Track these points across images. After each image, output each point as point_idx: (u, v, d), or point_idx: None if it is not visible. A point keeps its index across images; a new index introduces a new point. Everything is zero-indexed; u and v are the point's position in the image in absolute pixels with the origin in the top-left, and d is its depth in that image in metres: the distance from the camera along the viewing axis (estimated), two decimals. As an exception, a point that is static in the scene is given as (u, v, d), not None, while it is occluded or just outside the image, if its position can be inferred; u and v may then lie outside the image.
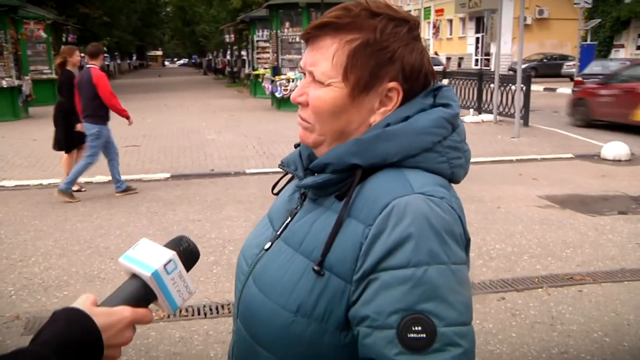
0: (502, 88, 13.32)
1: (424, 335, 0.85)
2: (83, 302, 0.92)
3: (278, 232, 1.08)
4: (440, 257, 0.88)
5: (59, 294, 4.28)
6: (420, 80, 1.01)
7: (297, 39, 16.78)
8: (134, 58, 77.10)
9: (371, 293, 0.89)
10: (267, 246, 1.08)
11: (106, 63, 49.56)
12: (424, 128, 0.96)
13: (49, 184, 8.04)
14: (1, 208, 6.79)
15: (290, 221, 1.07)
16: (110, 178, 7.67)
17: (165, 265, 0.94)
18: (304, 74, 1.03)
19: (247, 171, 8.63)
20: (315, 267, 0.94)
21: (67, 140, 7.67)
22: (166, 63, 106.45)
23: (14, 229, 5.97)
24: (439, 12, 44.05)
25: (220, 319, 3.86)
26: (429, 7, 45.24)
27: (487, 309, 3.93)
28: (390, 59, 0.97)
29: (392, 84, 0.98)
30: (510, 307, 3.94)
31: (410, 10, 47.66)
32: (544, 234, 5.53)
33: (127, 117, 7.74)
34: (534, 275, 4.50)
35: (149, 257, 0.96)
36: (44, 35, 19.26)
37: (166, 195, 7.41)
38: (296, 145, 1.15)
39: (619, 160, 9.05)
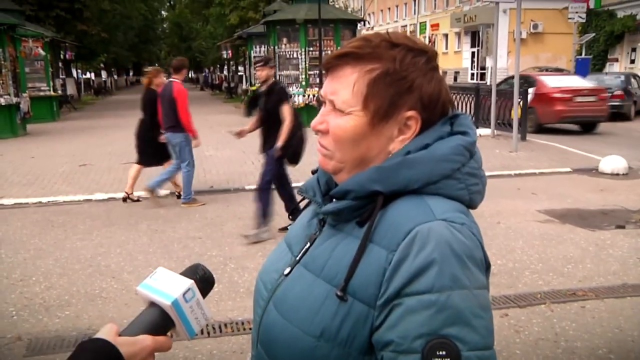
0: (500, 102, 13.39)
1: None
2: (107, 333, 0.94)
3: (297, 258, 1.09)
4: (462, 282, 0.90)
5: (60, 314, 4.26)
6: (438, 109, 1.04)
7: (295, 55, 16.86)
8: (131, 74, 77.31)
9: (396, 318, 0.91)
10: (286, 271, 1.09)
11: (103, 79, 49.82)
12: (443, 155, 0.99)
13: (48, 201, 8.03)
14: (0, 226, 6.77)
15: (309, 247, 1.08)
16: (108, 196, 7.68)
17: (184, 294, 0.97)
18: (324, 102, 1.06)
19: (247, 187, 8.63)
20: (339, 293, 0.95)
21: (162, 152, 7.98)
22: (163, 79, 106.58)
23: (14, 247, 5.95)
24: (435, 26, 44.37)
25: (224, 338, 3.85)
26: (425, 21, 45.62)
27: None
28: (409, 88, 1.00)
29: (410, 113, 1.01)
30: (514, 324, 3.94)
31: (405, 25, 48.13)
32: (545, 249, 5.54)
33: (195, 137, 7.93)
34: (536, 291, 4.51)
35: (168, 285, 0.98)
36: (42, 52, 19.34)
37: (166, 212, 7.41)
38: (313, 172, 1.17)
39: (617, 174, 9.08)
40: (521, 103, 12.15)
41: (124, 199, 8.00)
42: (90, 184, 9.11)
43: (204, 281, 1.03)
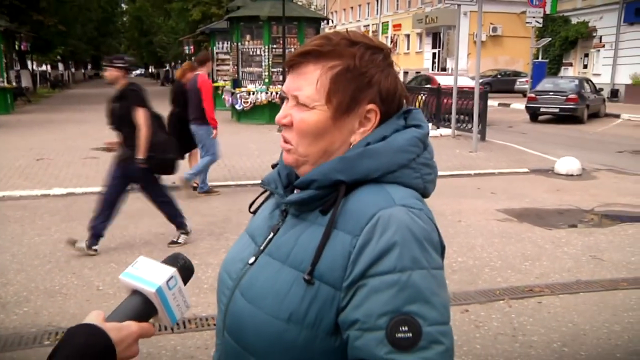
0: (460, 103, 13.63)
1: (411, 335, 0.93)
2: (95, 318, 0.96)
3: (261, 247, 1.13)
4: (421, 263, 0.97)
5: (18, 311, 4.17)
6: (395, 103, 1.10)
7: (258, 52, 16.80)
8: (89, 67, 75.61)
9: (361, 298, 0.96)
10: (251, 260, 1.13)
11: (60, 72, 48.55)
12: (400, 146, 1.06)
13: (4, 196, 7.82)
14: (-47, 222, 6.57)
15: (273, 237, 1.12)
16: (67, 191, 7.50)
17: (167, 282, 1.00)
18: (286, 98, 1.10)
19: (210, 184, 8.56)
20: (306, 277, 1.00)
21: (189, 143, 8.09)
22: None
23: (-32, 243, 5.78)
24: (397, 27, 44.83)
25: (188, 334, 3.84)
26: (387, 22, 46.04)
27: (451, 322, 4.00)
28: (368, 83, 1.06)
29: (370, 106, 1.07)
30: (474, 319, 4.05)
31: (368, 25, 48.44)
32: (504, 247, 5.69)
33: (215, 128, 7.92)
34: (496, 287, 4.63)
35: (151, 274, 1.01)
36: (-4, 43, 18.75)
37: (127, 208, 7.20)
38: (273, 166, 1.22)
39: (572, 175, 9.38)
40: (481, 104, 12.39)
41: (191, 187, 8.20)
42: (49, 178, 8.91)
43: (184, 270, 1.07)
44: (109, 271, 4.99)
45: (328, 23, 25.13)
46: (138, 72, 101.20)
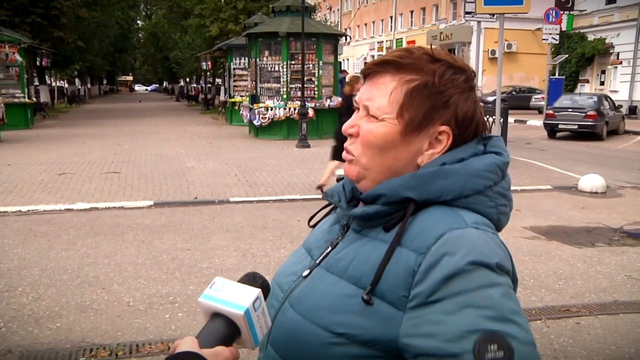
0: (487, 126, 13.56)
1: (502, 353, 0.84)
2: (192, 346, 0.93)
3: (317, 261, 1.09)
4: (497, 281, 0.90)
5: (51, 326, 4.15)
6: (471, 129, 1.04)
7: (277, 68, 16.88)
8: (105, 83, 76.45)
9: (433, 322, 0.89)
10: (305, 273, 1.09)
11: (77, 87, 49.13)
12: (478, 171, 0.99)
13: (29, 210, 7.86)
14: (-19, 235, 6.60)
15: (330, 251, 1.08)
16: (90, 206, 7.52)
17: (253, 303, 0.96)
18: (357, 108, 1.07)
19: (231, 199, 8.57)
20: (365, 296, 0.95)
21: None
22: (136, 88, 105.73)
23: (-3, 257, 5.80)
24: (411, 43, 44.92)
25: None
26: (401, 38, 46.18)
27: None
28: (445, 103, 1.01)
29: (443, 128, 1.02)
30: (512, 339, 3.97)
31: (382, 41, 48.63)
32: (535, 265, 5.61)
33: None
34: (531, 307, 4.55)
35: (234, 295, 0.97)
36: (19, 58, 19.00)
37: (151, 223, 7.30)
38: (339, 179, 1.21)
39: (596, 192, 9.27)
40: (502, 120, 12.34)
41: (318, 187, 8.65)
42: (71, 193, 8.95)
43: (264, 289, 1.03)
44: (138, 287, 4.97)
45: (346, 39, 25.26)
46: (152, 87, 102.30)
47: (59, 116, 27.80)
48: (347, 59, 52.44)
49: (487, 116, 13.52)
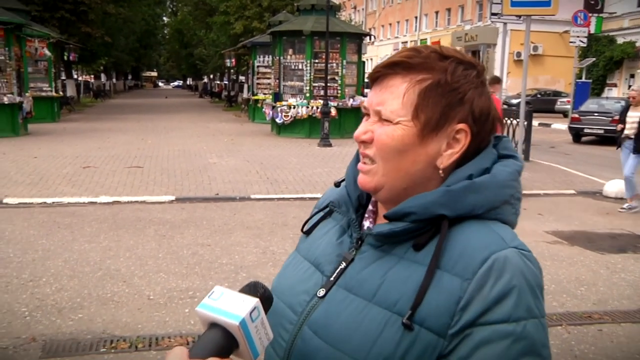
0: (503, 122, 13.46)
1: None
2: (180, 357, 0.91)
3: (332, 278, 1.03)
4: (535, 312, 0.90)
5: (73, 317, 4.21)
6: (488, 125, 1.01)
7: (300, 66, 16.91)
8: (129, 78, 77.30)
9: (469, 348, 0.89)
10: (321, 293, 1.03)
11: (102, 82, 49.76)
12: (505, 181, 0.98)
13: (53, 202, 7.98)
14: (6, 226, 6.71)
15: (345, 267, 1.03)
16: (113, 199, 7.61)
17: (250, 313, 0.94)
18: (367, 114, 1.03)
19: (252, 196, 8.61)
20: (405, 321, 0.91)
21: None
22: (160, 84, 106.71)
23: (22, 247, 5.90)
24: (435, 44, 44.45)
25: None
26: (425, 39, 45.92)
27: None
28: (460, 100, 0.98)
29: (461, 126, 0.98)
30: (532, 344, 3.92)
31: (406, 41, 48.40)
32: (556, 270, 5.54)
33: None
34: (552, 312, 4.49)
35: (231, 305, 0.94)
36: (47, 53, 19.31)
37: (172, 218, 7.37)
38: (337, 184, 1.15)
39: (622, 198, 9.10)
40: (526, 124, 12.21)
41: None
42: (95, 186, 9.07)
43: (265, 299, 1.00)
44: (158, 281, 5.02)
45: (370, 39, 25.19)
46: (176, 83, 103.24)
47: (85, 110, 28.18)
48: (371, 59, 52.30)
49: (512, 119, 13.40)
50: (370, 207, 1.08)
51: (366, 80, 1.07)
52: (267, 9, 28.28)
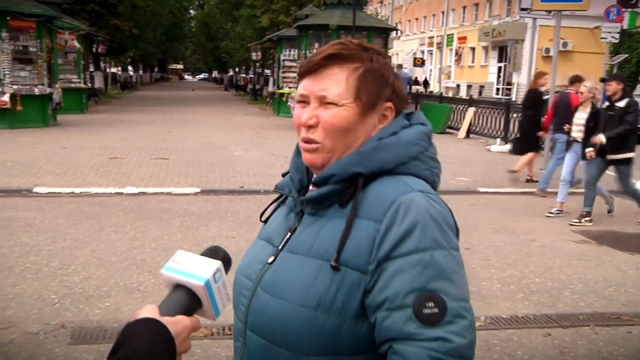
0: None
1: (437, 310, 1.00)
2: (152, 313, 0.97)
3: (280, 247, 1.17)
4: (441, 243, 1.05)
5: (100, 305, 4.28)
6: (404, 101, 1.22)
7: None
8: (156, 70, 78.02)
9: (386, 279, 1.03)
10: (270, 260, 1.17)
11: (129, 74, 50.31)
12: (410, 140, 1.15)
13: (81, 192, 8.10)
14: (37, 215, 6.84)
15: (290, 236, 1.17)
16: (139, 190, 7.70)
17: (214, 275, 1.01)
18: (304, 102, 1.17)
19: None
20: (333, 263, 1.05)
21: (534, 144, 9.90)
22: (186, 77, 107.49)
23: (51, 236, 6.00)
24: (462, 39, 44.22)
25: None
26: (452, 34, 45.48)
27: (533, 345, 3.87)
28: (387, 83, 1.18)
29: (388, 104, 1.19)
30: (558, 344, 3.88)
31: (432, 36, 48.00)
32: (584, 270, 5.46)
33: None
34: (579, 312, 4.43)
35: (195, 267, 1.02)
36: (77, 45, 19.59)
37: (197, 209, 7.43)
38: (284, 174, 1.31)
39: (652, 198, 8.92)
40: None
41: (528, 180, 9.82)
42: (122, 177, 9.19)
43: (225, 262, 1.08)
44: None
45: (397, 33, 25.04)
46: (202, 76, 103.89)
47: (112, 102, 28.54)
48: (397, 54, 52.00)
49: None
50: (310, 187, 1.21)
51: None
52: (293, 2, 28.30)
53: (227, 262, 1.09)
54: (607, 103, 7.38)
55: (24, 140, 12.69)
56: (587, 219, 7.24)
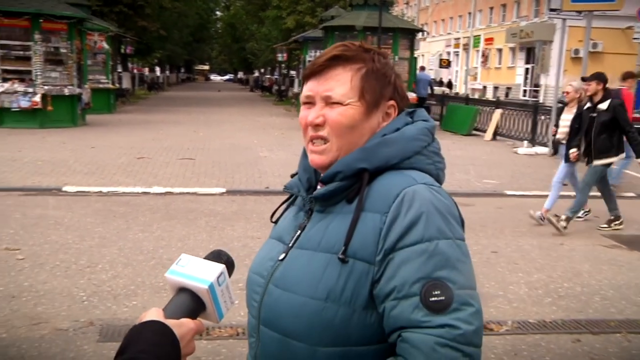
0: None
1: (444, 298, 1.02)
2: (157, 315, 0.99)
3: (290, 244, 1.21)
4: (446, 233, 1.08)
5: (128, 303, 4.33)
6: (405, 99, 1.26)
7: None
8: (182, 71, 78.75)
9: (393, 269, 1.06)
10: (281, 257, 1.20)
11: (156, 75, 50.88)
12: (413, 135, 1.19)
13: (109, 191, 8.21)
14: (66, 213, 6.94)
15: (300, 233, 1.21)
16: (165, 190, 7.76)
17: (217, 278, 1.03)
18: (310, 102, 1.21)
19: (302, 191, 8.62)
20: (340, 256, 1.09)
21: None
22: (211, 77, 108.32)
23: (80, 234, 6.09)
24: (489, 40, 43.76)
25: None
26: (479, 35, 45.04)
27: (562, 351, 3.81)
28: (389, 82, 1.22)
29: (391, 102, 1.24)
30: (588, 351, 3.81)
31: (459, 38, 47.60)
32: (614, 275, 5.35)
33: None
34: (609, 318, 4.35)
35: (199, 271, 1.04)
36: (106, 46, 19.90)
37: (223, 210, 7.47)
38: (293, 175, 1.35)
39: (685, 203, 8.73)
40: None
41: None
42: (149, 177, 9.29)
43: (229, 265, 1.10)
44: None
45: (423, 34, 24.91)
46: (227, 77, 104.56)
47: (139, 102, 28.88)
48: (423, 55, 51.70)
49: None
50: (318, 186, 1.24)
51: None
52: (319, 3, 28.33)
53: (230, 265, 1.11)
54: (588, 104, 6.96)
55: (54, 140, 12.91)
56: (617, 222, 7.09)
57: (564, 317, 4.36)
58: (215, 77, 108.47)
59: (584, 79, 7.85)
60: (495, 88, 40.87)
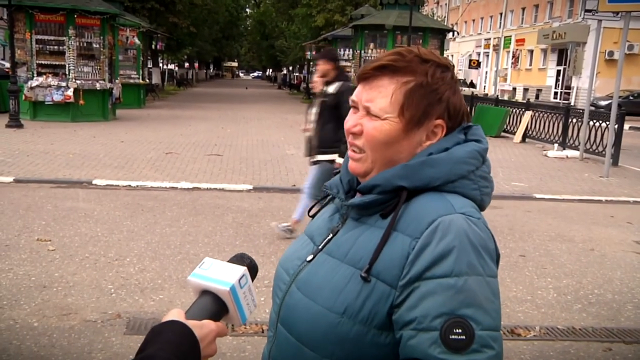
0: (591, 124, 12.84)
1: (464, 337, 0.98)
2: (178, 316, 0.99)
3: (320, 247, 1.18)
4: (477, 269, 1.02)
5: (155, 297, 4.37)
6: (459, 119, 1.17)
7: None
8: (211, 67, 79.40)
9: (417, 298, 1.02)
10: (309, 258, 1.18)
11: (185, 71, 51.36)
12: (461, 158, 1.11)
13: (137, 186, 8.30)
14: (95, 206, 7.04)
15: (332, 237, 1.18)
16: (193, 185, 7.80)
17: (239, 280, 1.03)
18: (355, 107, 1.16)
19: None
20: (363, 274, 1.06)
21: None
22: (240, 74, 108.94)
23: (109, 227, 6.17)
24: (520, 41, 43.18)
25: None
26: (510, 36, 44.49)
27: (593, 359, 3.72)
28: (439, 100, 1.13)
29: (438, 122, 1.14)
30: (619, 360, 3.72)
31: (489, 38, 47.03)
32: (647, 283, 5.23)
33: None
34: (643, 328, 4.24)
35: (221, 273, 1.03)
36: (137, 42, 20.15)
37: (250, 206, 7.49)
38: (335, 173, 1.32)
39: None
40: (617, 127, 11.58)
41: None
42: (176, 172, 9.36)
43: (251, 269, 1.09)
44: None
45: (453, 35, 24.70)
46: (255, 74, 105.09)
47: (168, 98, 29.17)
48: (452, 55, 51.25)
49: (600, 121, 12.75)
50: (357, 195, 1.20)
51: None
52: (349, 2, 28.29)
53: (253, 269, 1.10)
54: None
55: (85, 134, 13.11)
56: None
57: (595, 324, 4.27)
58: (243, 75, 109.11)
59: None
60: (525, 90, 40.31)
